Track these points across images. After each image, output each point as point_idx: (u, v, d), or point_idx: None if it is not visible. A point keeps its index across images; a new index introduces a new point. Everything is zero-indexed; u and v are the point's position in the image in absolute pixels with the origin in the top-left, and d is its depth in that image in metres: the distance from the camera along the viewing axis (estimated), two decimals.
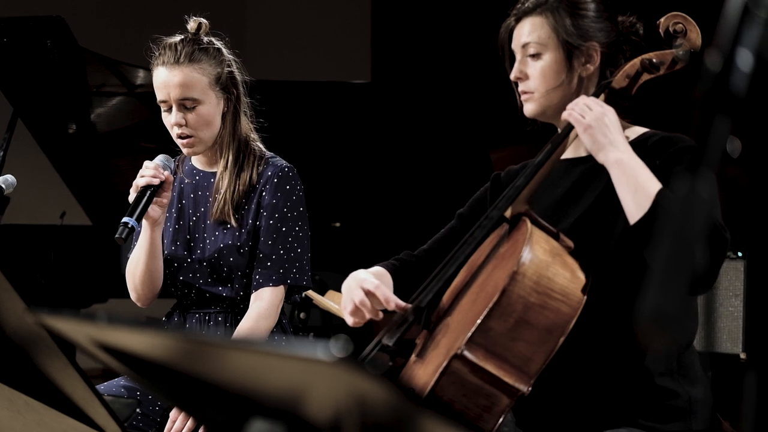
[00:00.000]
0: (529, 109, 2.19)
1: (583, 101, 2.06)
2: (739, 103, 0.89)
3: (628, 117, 2.18)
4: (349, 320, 2.12)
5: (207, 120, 2.68)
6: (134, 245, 2.74)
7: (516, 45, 2.20)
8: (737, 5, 0.90)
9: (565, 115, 2.07)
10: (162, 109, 2.71)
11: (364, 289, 2.07)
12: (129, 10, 7.47)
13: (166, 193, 2.62)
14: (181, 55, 2.66)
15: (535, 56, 2.16)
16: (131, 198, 2.59)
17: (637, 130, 2.17)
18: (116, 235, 2.50)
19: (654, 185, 1.95)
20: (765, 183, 1.04)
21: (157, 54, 2.69)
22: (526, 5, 2.19)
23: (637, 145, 2.08)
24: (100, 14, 7.35)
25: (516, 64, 2.19)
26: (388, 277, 2.24)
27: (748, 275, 4.16)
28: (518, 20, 2.19)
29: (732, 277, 4.21)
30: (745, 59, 0.89)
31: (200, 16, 2.76)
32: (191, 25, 2.73)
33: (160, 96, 2.69)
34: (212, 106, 2.69)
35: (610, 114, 2.04)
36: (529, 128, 2.27)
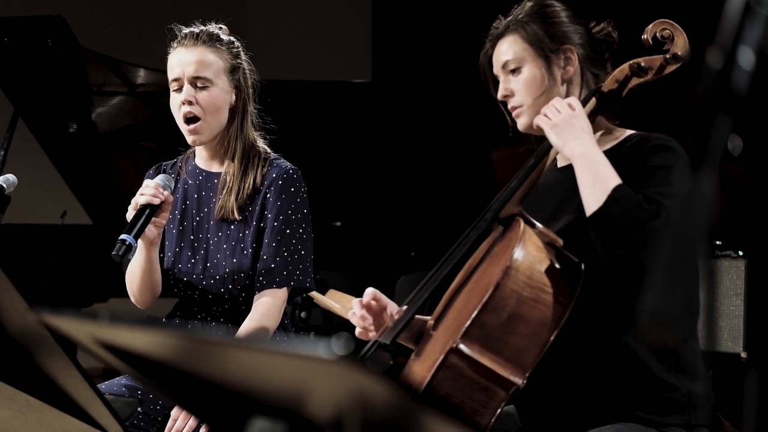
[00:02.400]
0: (522, 123, 2.26)
1: (552, 103, 2.13)
2: (741, 101, 0.89)
3: (617, 120, 2.23)
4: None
5: (216, 105, 2.68)
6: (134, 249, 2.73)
7: (497, 67, 2.28)
8: (739, 3, 0.90)
9: (535, 120, 2.13)
10: (172, 90, 2.70)
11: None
12: (129, 9, 7.48)
13: (164, 214, 2.60)
14: (200, 38, 2.69)
15: (516, 71, 2.24)
16: (129, 215, 2.58)
17: (624, 133, 2.21)
18: (113, 252, 2.47)
19: (613, 181, 1.99)
20: (766, 181, 1.05)
21: (177, 39, 2.72)
22: (498, 29, 2.27)
23: (617, 146, 2.14)
24: (101, 14, 7.35)
25: (501, 84, 2.27)
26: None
27: (748, 274, 4.16)
28: (493, 45, 2.28)
29: (733, 276, 4.21)
30: (746, 57, 0.89)
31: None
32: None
33: (173, 74, 2.69)
34: (223, 93, 2.70)
35: (579, 115, 2.10)
36: (530, 147, 2.31)
